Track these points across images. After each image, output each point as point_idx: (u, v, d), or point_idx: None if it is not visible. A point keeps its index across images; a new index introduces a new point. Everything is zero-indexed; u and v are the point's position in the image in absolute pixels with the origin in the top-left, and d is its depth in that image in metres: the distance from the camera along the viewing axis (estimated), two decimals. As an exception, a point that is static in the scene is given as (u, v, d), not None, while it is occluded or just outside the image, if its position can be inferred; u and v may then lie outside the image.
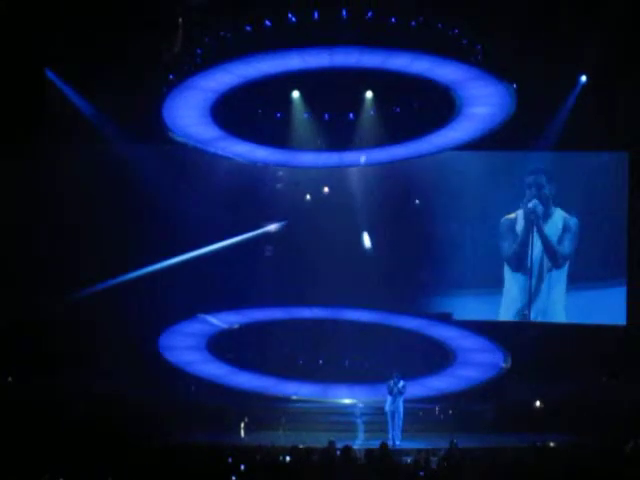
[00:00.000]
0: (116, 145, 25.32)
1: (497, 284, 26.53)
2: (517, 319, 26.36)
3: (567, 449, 16.44)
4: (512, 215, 26.40)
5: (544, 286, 26.24)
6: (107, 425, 18.87)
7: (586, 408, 21.96)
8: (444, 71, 21.92)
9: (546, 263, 26.26)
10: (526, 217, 26.24)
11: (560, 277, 26.17)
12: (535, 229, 26.16)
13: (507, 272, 26.52)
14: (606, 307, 25.60)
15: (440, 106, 23.52)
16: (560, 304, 26.16)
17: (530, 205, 26.03)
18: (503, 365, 24.29)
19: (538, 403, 22.94)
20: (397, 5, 20.84)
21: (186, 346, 25.46)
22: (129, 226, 25.68)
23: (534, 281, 26.23)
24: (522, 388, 23.87)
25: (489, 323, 26.03)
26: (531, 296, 26.19)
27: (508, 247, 26.50)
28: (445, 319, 26.50)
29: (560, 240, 26.10)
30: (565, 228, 26.02)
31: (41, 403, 21.40)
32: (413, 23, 20.97)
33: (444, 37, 21.28)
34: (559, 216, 26.11)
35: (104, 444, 15.19)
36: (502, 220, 26.47)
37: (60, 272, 25.36)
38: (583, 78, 24.39)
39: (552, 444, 17.77)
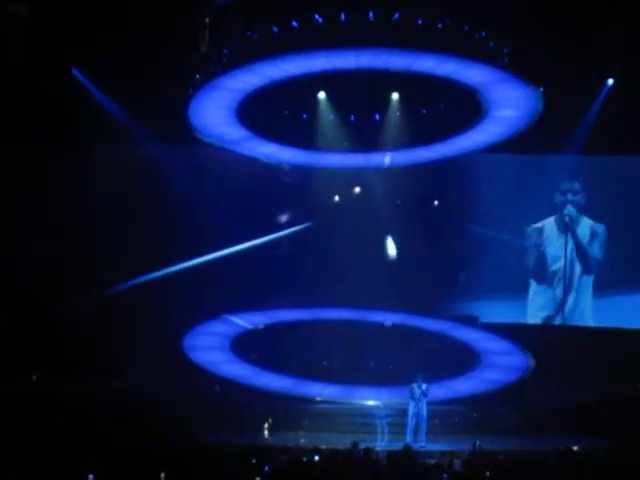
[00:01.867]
0: (143, 145, 25.36)
1: (526, 288, 26.55)
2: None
3: (590, 453, 16.40)
4: (539, 225, 26.36)
5: (574, 291, 26.17)
6: (130, 426, 19.00)
7: (610, 411, 21.90)
8: (471, 73, 21.85)
9: (577, 268, 26.19)
10: (560, 223, 26.18)
11: (590, 282, 26.10)
12: (570, 234, 26.10)
13: (533, 283, 26.49)
14: (633, 311, 25.52)
15: (466, 108, 23.45)
16: (589, 309, 26.10)
17: (565, 211, 26.00)
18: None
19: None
20: (424, 7, 20.80)
21: (210, 346, 25.52)
22: (155, 226, 25.69)
23: (565, 286, 26.16)
24: (547, 391, 23.82)
25: (516, 326, 25.98)
26: (561, 301, 26.13)
27: (535, 257, 26.44)
28: (471, 322, 26.47)
29: (590, 246, 26.04)
30: (593, 234, 25.99)
31: (63, 403, 21.57)
32: (440, 25, 20.92)
33: (471, 39, 21.21)
34: (586, 224, 26.06)
35: (127, 444, 15.28)
36: (529, 230, 26.45)
37: (84, 271, 25.40)
38: (610, 81, 24.27)
39: (575, 447, 17.71)
